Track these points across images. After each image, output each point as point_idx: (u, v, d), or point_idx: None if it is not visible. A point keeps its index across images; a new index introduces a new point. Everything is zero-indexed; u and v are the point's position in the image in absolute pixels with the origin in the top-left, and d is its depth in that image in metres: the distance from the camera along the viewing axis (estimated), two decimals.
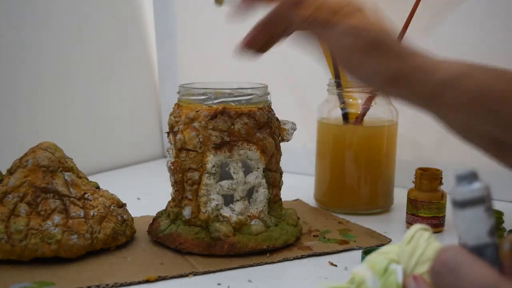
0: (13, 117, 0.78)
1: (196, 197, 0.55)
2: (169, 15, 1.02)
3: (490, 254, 0.30)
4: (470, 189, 0.30)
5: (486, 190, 0.30)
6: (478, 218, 0.30)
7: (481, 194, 0.30)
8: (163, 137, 1.08)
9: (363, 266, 0.36)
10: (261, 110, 0.57)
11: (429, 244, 0.35)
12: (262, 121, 0.56)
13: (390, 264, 0.35)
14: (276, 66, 0.93)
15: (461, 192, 0.30)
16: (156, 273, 0.50)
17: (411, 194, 0.64)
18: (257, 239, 0.55)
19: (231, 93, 0.58)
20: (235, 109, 0.55)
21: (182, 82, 1.04)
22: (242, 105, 0.56)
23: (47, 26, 0.82)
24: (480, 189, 0.30)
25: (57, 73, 0.84)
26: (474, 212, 0.30)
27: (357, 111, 0.71)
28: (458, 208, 0.30)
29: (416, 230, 0.36)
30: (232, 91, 0.58)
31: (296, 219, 0.59)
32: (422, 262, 0.34)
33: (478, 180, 0.30)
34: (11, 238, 0.50)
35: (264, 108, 0.57)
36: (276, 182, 0.59)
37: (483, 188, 0.30)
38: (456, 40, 0.78)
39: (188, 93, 0.59)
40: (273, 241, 0.55)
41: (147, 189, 0.81)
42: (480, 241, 0.30)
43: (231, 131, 0.55)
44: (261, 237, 0.55)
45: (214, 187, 0.55)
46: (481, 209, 0.30)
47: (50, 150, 0.55)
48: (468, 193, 0.30)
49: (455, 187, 0.30)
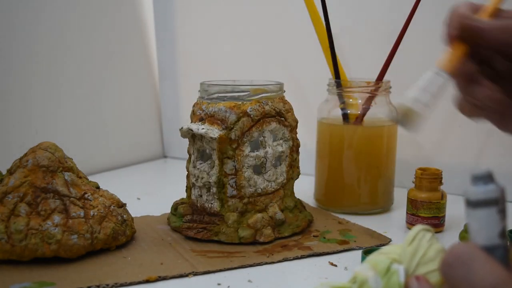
0: (13, 117, 0.78)
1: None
2: (169, 15, 1.03)
3: (500, 255, 0.30)
4: (484, 190, 0.30)
5: (500, 192, 0.30)
6: (490, 219, 0.30)
7: (495, 195, 0.30)
8: (163, 137, 1.08)
9: (365, 265, 0.36)
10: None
11: (431, 245, 0.35)
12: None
13: (392, 264, 0.35)
14: (276, 66, 0.93)
15: (475, 192, 0.30)
16: (156, 273, 0.50)
17: (411, 194, 0.64)
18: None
19: (267, 89, 0.60)
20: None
21: (182, 82, 1.05)
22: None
23: (47, 26, 0.82)
24: (495, 191, 0.30)
25: (57, 73, 0.84)
26: (487, 213, 0.30)
27: (357, 111, 0.71)
28: (471, 208, 0.30)
29: (418, 231, 0.36)
30: (267, 87, 0.61)
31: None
32: (424, 262, 0.34)
33: (493, 182, 0.30)
34: (11, 238, 0.50)
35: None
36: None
37: (497, 190, 0.30)
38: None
39: (224, 90, 0.60)
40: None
41: (147, 189, 0.81)
42: (490, 242, 0.30)
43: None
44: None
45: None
46: (494, 210, 0.30)
47: (50, 150, 0.55)
48: (482, 193, 0.30)
49: (469, 187, 0.30)
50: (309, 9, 0.73)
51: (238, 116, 0.57)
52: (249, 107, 0.57)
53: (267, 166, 0.59)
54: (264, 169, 0.59)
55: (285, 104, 0.61)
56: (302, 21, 0.79)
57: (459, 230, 0.60)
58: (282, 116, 0.60)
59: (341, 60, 0.74)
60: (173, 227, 0.60)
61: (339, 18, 0.84)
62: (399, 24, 0.69)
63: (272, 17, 0.93)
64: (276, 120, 0.59)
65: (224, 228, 0.57)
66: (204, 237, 0.58)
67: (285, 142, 0.61)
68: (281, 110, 0.60)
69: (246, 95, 0.59)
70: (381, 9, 0.83)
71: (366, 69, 0.80)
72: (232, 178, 0.58)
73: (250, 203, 0.58)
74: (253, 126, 0.58)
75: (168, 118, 1.07)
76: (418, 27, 0.72)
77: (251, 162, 0.58)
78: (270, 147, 0.59)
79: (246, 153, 0.58)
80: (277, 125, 0.60)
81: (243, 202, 0.58)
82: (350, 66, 0.83)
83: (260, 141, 0.59)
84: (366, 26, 0.85)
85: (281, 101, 0.61)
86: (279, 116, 0.60)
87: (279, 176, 0.60)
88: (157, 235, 0.60)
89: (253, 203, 0.59)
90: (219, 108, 0.58)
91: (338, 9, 0.84)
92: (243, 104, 0.58)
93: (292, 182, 0.63)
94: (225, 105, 0.57)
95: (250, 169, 0.58)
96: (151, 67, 1.05)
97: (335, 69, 0.73)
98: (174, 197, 0.66)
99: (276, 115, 0.60)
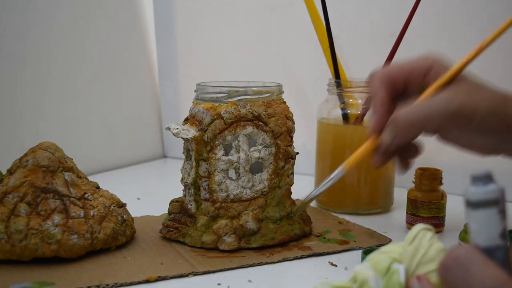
0: (13, 117, 0.78)
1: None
2: (169, 15, 1.03)
3: (501, 256, 0.30)
4: (484, 190, 0.30)
5: (500, 192, 0.30)
6: (490, 219, 0.30)
7: (496, 196, 0.30)
8: (163, 137, 1.08)
9: (365, 265, 0.36)
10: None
11: (431, 244, 0.35)
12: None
13: (393, 264, 0.35)
14: (276, 66, 0.93)
15: (475, 193, 0.30)
16: (156, 273, 0.50)
17: (411, 194, 0.64)
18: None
19: (246, 91, 0.58)
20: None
21: (182, 82, 1.05)
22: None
23: (47, 26, 0.82)
24: (495, 191, 0.30)
25: (57, 73, 0.85)
26: (487, 213, 0.30)
27: (357, 111, 0.71)
28: (472, 208, 0.30)
29: (419, 230, 0.36)
30: (248, 89, 0.58)
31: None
32: (425, 262, 0.34)
33: (493, 182, 0.30)
34: (11, 238, 0.50)
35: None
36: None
37: (498, 190, 0.30)
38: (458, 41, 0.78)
39: (205, 91, 0.58)
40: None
41: (147, 189, 0.81)
42: (491, 242, 0.30)
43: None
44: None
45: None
46: (494, 211, 0.30)
47: (50, 150, 0.55)
48: (482, 194, 0.30)
49: (469, 187, 0.30)
50: (309, 9, 0.73)
51: (212, 118, 0.55)
52: (223, 109, 0.56)
53: (240, 172, 0.56)
54: (238, 174, 0.57)
55: (268, 108, 0.57)
56: (302, 21, 0.79)
57: (459, 230, 0.60)
58: (262, 120, 0.57)
59: (341, 60, 0.74)
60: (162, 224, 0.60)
61: (340, 18, 0.84)
62: (399, 24, 0.69)
63: (272, 17, 0.93)
64: (253, 125, 0.56)
65: (192, 231, 0.56)
66: (172, 237, 0.57)
67: (266, 148, 0.57)
68: (260, 114, 0.56)
69: (223, 96, 0.57)
70: (381, 9, 0.83)
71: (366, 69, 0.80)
72: (205, 181, 0.56)
73: (222, 208, 0.56)
74: (226, 129, 0.55)
75: (168, 118, 1.07)
76: (418, 27, 0.72)
77: (223, 166, 0.56)
78: (243, 152, 0.56)
79: (218, 157, 0.56)
80: (254, 129, 0.56)
81: (215, 207, 0.56)
82: (350, 66, 0.83)
83: (234, 145, 0.57)
84: (366, 26, 0.85)
85: (264, 105, 0.57)
86: (258, 120, 0.57)
87: (258, 183, 0.57)
88: (157, 235, 0.60)
89: (226, 208, 0.56)
90: (198, 109, 0.56)
91: (339, 9, 0.84)
92: (220, 106, 0.56)
93: (279, 191, 0.58)
94: (204, 106, 0.56)
95: (222, 173, 0.56)
96: (151, 67, 1.05)
97: (335, 69, 0.73)
98: (174, 197, 0.66)
99: (253, 119, 0.56)
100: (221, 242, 0.56)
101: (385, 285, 0.34)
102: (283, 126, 0.58)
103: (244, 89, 0.58)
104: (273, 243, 0.57)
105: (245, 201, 0.57)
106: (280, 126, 0.58)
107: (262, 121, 0.57)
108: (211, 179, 0.56)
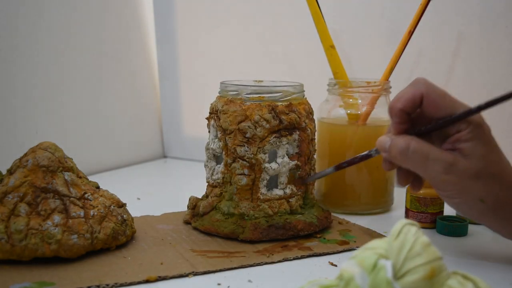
0: (13, 117, 0.78)
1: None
2: (169, 15, 1.03)
3: None
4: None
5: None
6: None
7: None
8: (163, 137, 1.08)
9: (351, 262, 0.35)
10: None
11: (417, 239, 0.35)
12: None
13: (379, 260, 0.35)
14: (276, 65, 0.93)
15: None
16: (156, 273, 0.50)
17: (418, 193, 0.65)
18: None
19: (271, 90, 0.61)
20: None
21: (182, 82, 1.05)
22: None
23: (46, 26, 0.82)
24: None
25: (57, 73, 0.85)
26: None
27: (357, 111, 0.71)
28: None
29: (403, 225, 0.35)
30: (272, 88, 0.61)
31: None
32: (411, 257, 0.34)
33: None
34: (11, 238, 0.50)
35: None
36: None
37: None
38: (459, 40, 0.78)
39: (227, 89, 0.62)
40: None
41: (147, 189, 0.81)
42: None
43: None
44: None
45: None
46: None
47: (50, 150, 0.55)
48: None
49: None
50: (311, 8, 0.73)
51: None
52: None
53: (209, 159, 0.63)
54: (210, 161, 0.64)
55: (224, 105, 0.60)
56: (303, 21, 0.79)
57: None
58: (216, 115, 0.62)
59: (343, 60, 0.74)
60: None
61: (341, 17, 0.84)
62: (401, 24, 0.69)
63: (272, 17, 0.93)
64: (212, 118, 0.63)
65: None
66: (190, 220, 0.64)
67: (219, 141, 0.62)
68: (218, 109, 0.61)
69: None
70: (383, 9, 0.83)
71: (368, 69, 0.80)
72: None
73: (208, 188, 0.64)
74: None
75: (168, 118, 1.07)
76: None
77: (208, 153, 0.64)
78: (212, 141, 0.62)
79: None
80: (214, 122, 0.62)
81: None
82: (352, 66, 0.83)
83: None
84: (368, 26, 0.85)
85: (221, 101, 0.61)
86: (215, 114, 0.62)
87: (215, 173, 0.62)
88: (157, 235, 0.60)
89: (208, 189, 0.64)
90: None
91: (339, 9, 0.84)
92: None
93: (231, 188, 0.60)
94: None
95: (208, 157, 0.64)
96: (151, 67, 1.05)
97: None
98: (174, 197, 0.66)
99: (212, 113, 0.63)
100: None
101: (372, 282, 0.34)
102: (233, 125, 0.59)
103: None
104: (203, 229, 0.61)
105: (211, 186, 0.63)
106: (230, 124, 0.59)
107: (216, 115, 0.62)
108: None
